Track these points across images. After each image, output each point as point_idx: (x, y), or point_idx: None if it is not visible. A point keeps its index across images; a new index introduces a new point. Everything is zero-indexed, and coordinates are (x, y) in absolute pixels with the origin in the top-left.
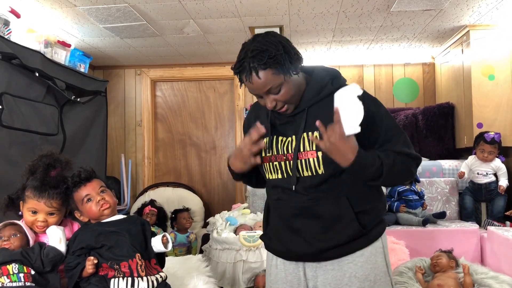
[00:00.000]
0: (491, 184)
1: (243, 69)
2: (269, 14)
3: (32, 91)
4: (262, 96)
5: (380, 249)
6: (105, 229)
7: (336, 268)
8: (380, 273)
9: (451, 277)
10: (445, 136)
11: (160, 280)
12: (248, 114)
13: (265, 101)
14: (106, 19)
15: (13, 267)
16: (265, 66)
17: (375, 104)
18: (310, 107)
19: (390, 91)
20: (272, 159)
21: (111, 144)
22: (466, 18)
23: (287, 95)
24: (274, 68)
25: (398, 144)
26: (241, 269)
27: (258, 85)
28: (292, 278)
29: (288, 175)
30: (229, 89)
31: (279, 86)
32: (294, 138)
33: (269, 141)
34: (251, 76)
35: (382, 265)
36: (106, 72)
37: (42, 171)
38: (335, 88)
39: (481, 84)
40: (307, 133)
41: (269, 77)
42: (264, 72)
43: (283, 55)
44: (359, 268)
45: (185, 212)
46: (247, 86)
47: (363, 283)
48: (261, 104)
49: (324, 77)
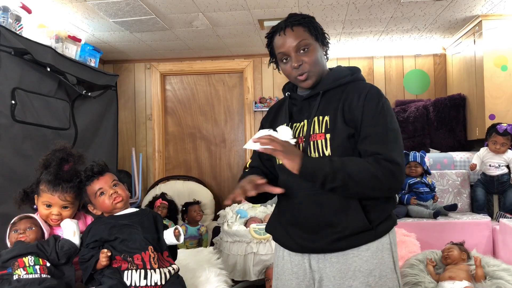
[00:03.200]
0: (504, 176)
1: (278, 28)
2: (278, 7)
3: (44, 86)
4: (290, 55)
5: (388, 245)
6: (118, 222)
7: (341, 261)
8: (386, 269)
9: (463, 270)
10: (456, 128)
11: (173, 272)
12: (265, 117)
13: (292, 61)
14: (116, 13)
15: (29, 259)
16: (299, 23)
17: (378, 99)
18: (325, 92)
19: (400, 83)
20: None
21: (122, 138)
22: (479, 8)
23: (313, 58)
24: (307, 28)
25: (376, 144)
26: (251, 261)
27: (290, 37)
28: (298, 269)
29: None
30: (239, 82)
31: (308, 45)
32: (305, 122)
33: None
34: (285, 29)
35: (389, 261)
36: (116, 66)
37: (55, 165)
38: (353, 79)
39: (493, 75)
40: (317, 117)
41: (301, 32)
42: (297, 27)
43: (316, 24)
44: (364, 262)
45: (195, 205)
46: (277, 44)
47: (367, 277)
48: (285, 71)
49: (344, 70)
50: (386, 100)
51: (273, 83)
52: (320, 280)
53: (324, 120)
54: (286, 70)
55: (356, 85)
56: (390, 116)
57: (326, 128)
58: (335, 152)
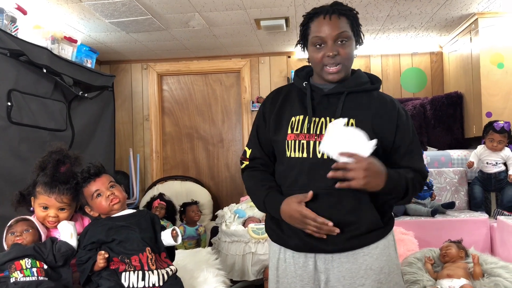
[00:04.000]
0: (501, 174)
1: (322, 10)
2: (275, 6)
3: (40, 87)
4: (327, 42)
5: (392, 241)
6: (116, 223)
7: (351, 261)
8: (393, 265)
9: (461, 267)
10: (453, 126)
11: (171, 273)
12: (265, 104)
13: (327, 49)
14: (112, 14)
15: (26, 262)
16: (346, 14)
17: (406, 115)
18: (350, 93)
19: (397, 81)
20: (301, 137)
21: (119, 139)
22: (475, 6)
23: (348, 52)
24: (350, 22)
25: (416, 159)
26: (250, 261)
27: (333, 24)
28: (302, 272)
29: (315, 155)
30: (236, 82)
31: (348, 38)
32: (327, 119)
33: (302, 119)
34: (331, 15)
35: (395, 257)
36: (113, 67)
37: (52, 167)
38: (374, 88)
39: (490, 73)
40: (342, 118)
41: (345, 23)
42: (343, 17)
43: (358, 21)
44: (375, 260)
45: (193, 205)
46: (316, 27)
47: (378, 275)
48: (315, 58)
49: (364, 76)
50: (409, 114)
51: (270, 82)
52: (327, 281)
53: (349, 123)
54: (317, 57)
55: (382, 95)
56: (414, 130)
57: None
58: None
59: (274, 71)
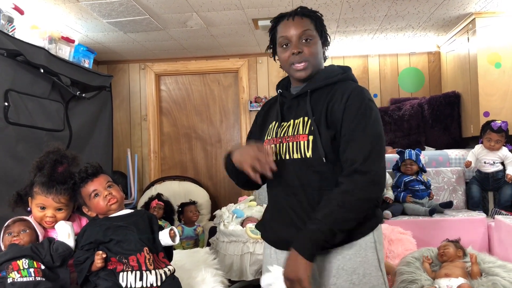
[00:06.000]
0: (498, 173)
1: (287, 13)
2: (272, 6)
3: (37, 87)
4: (292, 41)
5: (371, 243)
6: (113, 223)
7: (324, 260)
8: (371, 267)
9: (459, 267)
10: (451, 126)
11: (169, 273)
12: (260, 111)
13: (292, 47)
14: (109, 14)
15: (23, 262)
16: (309, 15)
17: (360, 102)
18: (313, 92)
19: (395, 81)
20: (271, 142)
21: (117, 139)
22: (472, 6)
23: (313, 50)
24: (314, 22)
25: (353, 150)
26: (248, 261)
27: (296, 24)
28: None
29: (278, 157)
30: (234, 82)
31: (312, 37)
32: (291, 122)
33: (274, 125)
34: (294, 16)
35: (373, 259)
36: (111, 67)
37: (49, 167)
38: (342, 78)
39: (487, 72)
40: (303, 118)
41: (308, 23)
42: (306, 18)
43: (323, 23)
44: (347, 260)
45: (192, 205)
46: (282, 29)
47: (350, 276)
48: (282, 58)
49: (336, 69)
50: (370, 102)
51: (268, 82)
52: None
53: (308, 121)
54: (284, 57)
55: (343, 85)
56: (372, 118)
57: (310, 130)
58: (316, 155)
59: (272, 71)
